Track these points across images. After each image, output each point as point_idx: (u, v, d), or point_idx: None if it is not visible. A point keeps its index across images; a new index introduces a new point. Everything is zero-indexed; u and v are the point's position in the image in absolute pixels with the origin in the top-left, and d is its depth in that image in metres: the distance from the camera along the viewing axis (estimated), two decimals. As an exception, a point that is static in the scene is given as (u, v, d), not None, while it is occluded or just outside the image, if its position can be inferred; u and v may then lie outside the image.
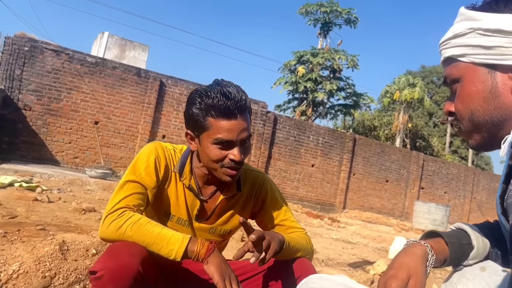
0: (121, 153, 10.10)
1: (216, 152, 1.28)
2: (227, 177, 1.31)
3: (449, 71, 0.84)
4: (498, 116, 0.77)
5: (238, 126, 1.27)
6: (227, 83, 1.30)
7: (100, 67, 9.78)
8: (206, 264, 1.15)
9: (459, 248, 0.93)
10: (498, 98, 0.76)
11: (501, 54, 0.74)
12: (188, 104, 1.32)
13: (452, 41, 0.82)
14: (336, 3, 19.11)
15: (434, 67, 42.22)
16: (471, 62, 0.79)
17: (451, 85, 0.85)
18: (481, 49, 0.76)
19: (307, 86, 18.14)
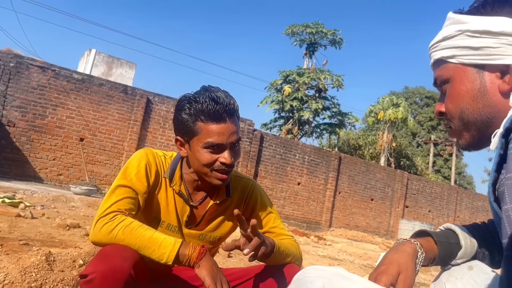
0: (106, 170, 9.99)
1: (207, 156, 1.30)
2: (218, 181, 1.33)
3: (439, 72, 0.87)
4: (487, 114, 0.80)
5: (228, 130, 1.30)
6: (215, 89, 1.33)
7: (87, 84, 9.75)
8: (198, 268, 1.16)
9: (447, 247, 0.96)
10: (486, 97, 0.79)
11: (489, 54, 0.78)
12: (177, 110, 1.35)
13: (442, 43, 0.85)
14: (321, 25, 19.52)
15: (416, 88, 43.09)
16: (460, 63, 0.82)
17: (441, 86, 0.88)
18: (469, 50, 0.80)
19: (293, 105, 18.34)
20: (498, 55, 0.77)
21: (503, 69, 0.78)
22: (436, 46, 0.87)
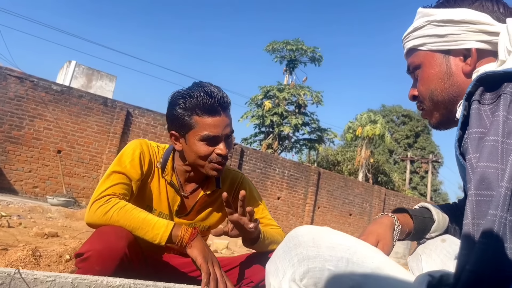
0: (84, 183, 9.82)
1: (203, 148, 1.36)
2: (214, 172, 1.39)
3: (411, 59, 0.99)
4: (453, 93, 0.91)
5: (223, 122, 1.36)
6: (208, 84, 1.40)
7: (66, 95, 9.65)
8: (190, 248, 1.20)
9: (422, 221, 1.04)
10: (452, 78, 0.90)
11: (453, 40, 0.90)
12: (171, 105, 1.40)
13: (413, 34, 0.97)
14: (301, 42, 19.91)
15: (393, 107, 44.06)
16: (429, 50, 0.94)
17: (413, 73, 0.99)
18: (436, 38, 0.92)
19: (274, 120, 18.52)
20: (460, 41, 0.89)
21: (465, 53, 0.89)
22: (408, 37, 0.99)
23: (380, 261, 0.75)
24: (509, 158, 0.65)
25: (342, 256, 0.74)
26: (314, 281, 0.73)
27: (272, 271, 0.80)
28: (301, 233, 0.80)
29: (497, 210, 0.62)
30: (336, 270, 0.73)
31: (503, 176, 0.64)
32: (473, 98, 0.75)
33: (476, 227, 0.64)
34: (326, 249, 0.75)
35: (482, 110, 0.73)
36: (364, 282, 0.72)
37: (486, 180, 0.65)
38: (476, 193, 0.66)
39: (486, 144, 0.68)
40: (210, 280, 1.12)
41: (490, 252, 0.61)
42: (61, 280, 0.95)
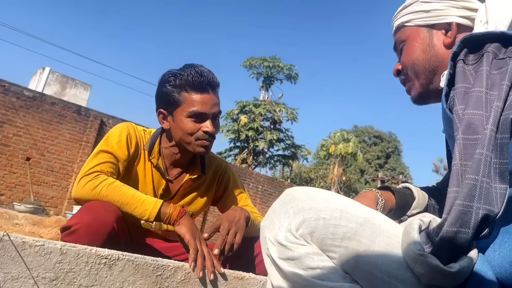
0: (52, 192, 9.54)
1: (190, 125, 1.37)
2: (201, 149, 1.40)
3: (398, 35, 1.08)
4: (434, 63, 0.99)
5: (211, 100, 1.39)
6: (199, 65, 1.43)
7: (38, 102, 9.43)
8: (178, 225, 1.20)
9: (403, 197, 1.09)
10: (433, 49, 0.99)
11: (437, 15, 0.99)
12: (162, 83, 1.42)
13: (402, 11, 1.06)
14: (278, 59, 20.22)
15: (365, 128, 45.04)
16: (415, 25, 1.03)
17: (400, 48, 1.08)
18: (422, 13, 1.01)
19: (249, 135, 18.58)
20: (443, 16, 0.98)
21: (446, 28, 0.99)
22: (398, 15, 1.08)
23: (372, 212, 0.79)
24: (493, 105, 0.72)
25: (336, 207, 0.77)
26: (309, 230, 0.76)
27: (268, 225, 0.82)
28: (296, 190, 0.83)
29: (483, 149, 0.69)
30: (331, 219, 0.76)
31: (488, 121, 0.71)
32: (458, 57, 0.83)
33: (464, 168, 0.70)
34: (320, 202, 0.78)
35: (466, 69, 0.81)
36: (358, 228, 0.75)
37: (472, 125, 0.72)
38: (464, 137, 0.72)
39: (471, 95, 0.75)
40: (197, 256, 1.12)
41: (478, 188, 0.67)
42: (50, 246, 0.93)
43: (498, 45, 0.80)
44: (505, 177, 0.70)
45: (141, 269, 1.06)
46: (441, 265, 0.66)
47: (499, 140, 0.71)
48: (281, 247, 0.77)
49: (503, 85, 0.73)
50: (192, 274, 1.14)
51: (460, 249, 0.67)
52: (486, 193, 0.67)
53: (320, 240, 0.75)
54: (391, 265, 0.72)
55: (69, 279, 0.96)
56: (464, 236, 0.66)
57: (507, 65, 0.76)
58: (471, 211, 0.66)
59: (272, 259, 0.79)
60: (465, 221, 0.66)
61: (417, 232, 0.71)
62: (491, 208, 0.66)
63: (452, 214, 0.67)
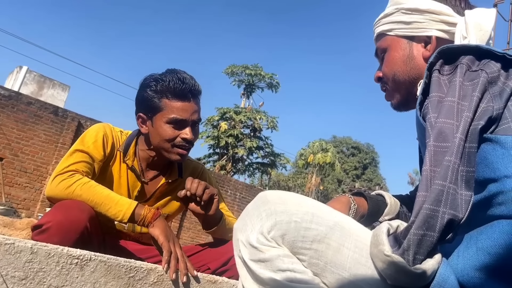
0: (25, 194, 9.30)
1: (169, 131, 1.38)
2: (178, 156, 1.40)
3: (379, 43, 1.10)
4: (413, 75, 1.01)
5: (191, 108, 1.40)
6: (181, 71, 1.44)
7: (14, 101, 9.21)
8: (152, 227, 1.20)
9: (376, 204, 1.12)
10: (413, 61, 1.02)
11: (417, 28, 1.01)
12: (142, 87, 1.42)
13: (383, 20, 1.08)
14: (260, 67, 20.31)
15: (344, 138, 45.58)
16: (396, 35, 1.05)
17: (381, 56, 1.10)
18: (403, 25, 1.03)
19: (229, 142, 18.54)
20: (423, 28, 1.01)
21: (426, 40, 1.01)
22: (379, 22, 1.10)
23: (342, 216, 0.82)
24: (463, 115, 0.76)
25: (308, 211, 0.79)
26: (281, 233, 0.77)
27: (241, 227, 0.84)
28: (269, 193, 0.85)
29: (451, 157, 0.72)
30: (302, 222, 0.77)
31: (457, 129, 0.74)
32: (434, 67, 0.86)
33: (433, 174, 0.73)
34: (292, 205, 0.80)
35: (441, 79, 0.84)
36: (328, 231, 0.77)
37: (443, 133, 0.75)
38: (435, 144, 0.75)
39: (444, 104, 0.79)
40: (171, 258, 1.13)
41: (445, 193, 0.70)
42: (20, 244, 0.92)
43: (472, 57, 0.84)
44: (470, 185, 0.73)
45: (114, 270, 1.05)
46: (408, 266, 0.68)
47: (467, 149, 0.74)
48: (252, 249, 0.78)
49: (473, 96, 0.77)
50: (165, 276, 1.14)
51: (425, 251, 0.70)
52: (452, 199, 0.70)
53: (291, 242, 0.77)
54: (359, 268, 0.75)
55: (39, 278, 0.94)
56: (429, 239, 0.69)
57: (479, 77, 0.79)
58: (438, 215, 0.69)
59: (244, 261, 0.80)
60: (431, 224, 0.69)
61: (385, 234, 0.73)
62: (456, 214, 0.69)
63: (419, 217, 0.70)
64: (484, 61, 0.82)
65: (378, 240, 0.73)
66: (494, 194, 0.75)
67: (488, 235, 0.72)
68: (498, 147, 0.76)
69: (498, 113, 0.77)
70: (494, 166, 0.75)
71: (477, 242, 0.73)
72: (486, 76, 0.79)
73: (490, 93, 0.78)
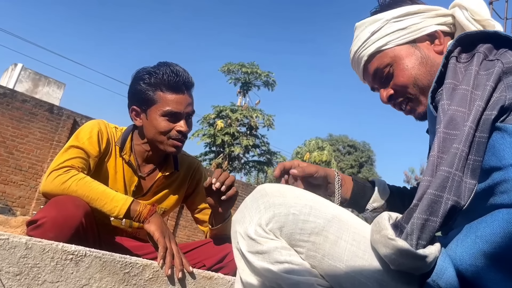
0: (20, 192, 9.25)
1: (164, 124, 1.38)
2: (173, 148, 1.40)
3: (378, 62, 1.04)
4: (435, 73, 0.94)
5: (185, 100, 1.40)
6: (174, 64, 1.44)
7: (8, 99, 9.16)
8: (148, 224, 1.20)
9: (361, 187, 1.13)
10: (429, 60, 1.00)
11: (416, 29, 1.00)
12: (136, 80, 1.42)
13: (371, 38, 1.04)
14: (256, 66, 20.27)
15: (340, 137, 45.60)
16: (396, 45, 1.01)
17: (381, 76, 1.04)
18: (400, 32, 1.01)
19: (225, 140, 18.51)
20: (422, 28, 1.00)
21: (427, 38, 1.01)
22: (366, 43, 1.05)
23: (340, 209, 0.82)
24: (475, 104, 0.76)
25: (306, 204, 0.79)
26: (279, 225, 0.78)
27: (239, 219, 0.84)
28: (267, 186, 0.86)
29: (460, 144, 0.73)
30: (300, 214, 0.78)
31: (468, 118, 0.75)
32: (452, 54, 0.85)
33: (440, 160, 0.74)
34: (291, 198, 0.80)
35: (457, 66, 0.84)
36: (326, 224, 0.77)
37: (454, 121, 0.76)
38: (444, 131, 0.76)
39: (457, 92, 0.79)
40: (166, 254, 1.12)
41: (450, 180, 0.71)
42: (14, 240, 0.92)
43: (490, 46, 0.84)
44: (476, 174, 0.74)
45: (109, 266, 1.05)
46: (412, 248, 0.69)
47: (477, 138, 0.75)
48: (250, 241, 0.78)
49: (487, 86, 0.77)
50: (160, 272, 1.13)
51: (428, 237, 0.70)
52: (457, 186, 0.71)
53: (289, 235, 0.77)
54: (356, 261, 0.75)
55: (33, 274, 0.94)
56: (432, 224, 0.70)
57: (494, 67, 0.80)
58: (441, 201, 0.70)
59: (242, 253, 0.81)
60: (434, 209, 0.70)
61: (387, 221, 0.73)
62: (459, 200, 0.70)
63: (423, 201, 0.70)
64: (501, 51, 0.82)
65: (381, 226, 0.73)
66: (498, 183, 0.75)
67: (487, 223, 0.73)
68: (507, 136, 0.76)
69: (510, 103, 0.78)
70: (501, 155, 0.76)
71: (476, 231, 0.73)
72: (501, 66, 0.79)
73: (504, 83, 0.79)
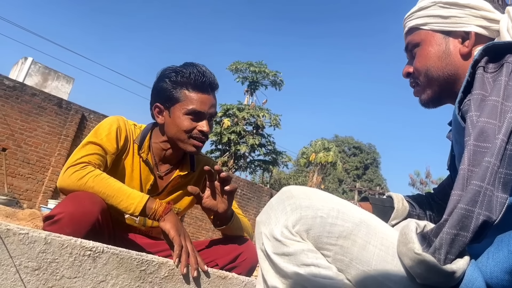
0: (27, 185, 9.31)
1: (187, 122, 1.38)
2: (193, 148, 1.41)
3: (411, 37, 1.05)
4: (448, 72, 0.97)
5: (209, 101, 1.41)
6: (201, 64, 1.44)
7: (18, 92, 9.21)
8: (163, 221, 1.19)
9: (381, 209, 1.11)
10: (450, 57, 0.97)
11: (455, 22, 0.97)
12: (160, 78, 1.43)
13: (417, 13, 1.03)
14: (264, 65, 20.25)
15: (346, 138, 45.56)
16: (431, 29, 1.01)
17: (411, 51, 1.06)
18: (440, 19, 0.99)
19: (231, 138, 18.52)
20: (461, 24, 0.97)
21: (463, 36, 0.97)
22: (412, 16, 1.05)
23: (367, 214, 0.81)
24: (506, 116, 0.74)
25: (333, 207, 0.78)
26: (306, 228, 0.77)
27: (264, 220, 0.83)
28: (293, 188, 0.84)
29: (491, 158, 0.71)
30: (328, 217, 0.77)
31: (500, 131, 0.73)
32: (479, 64, 0.83)
33: (471, 173, 0.72)
34: (318, 201, 0.80)
35: (485, 76, 0.82)
36: (354, 228, 0.76)
37: (484, 133, 0.74)
38: (475, 144, 0.74)
39: (487, 103, 0.76)
40: (182, 253, 1.12)
41: (481, 194, 0.69)
42: (34, 235, 0.92)
43: None
44: (507, 187, 0.72)
45: (125, 263, 1.05)
46: (439, 264, 0.68)
47: (509, 151, 0.73)
48: (276, 243, 0.78)
49: None
50: (176, 271, 1.13)
51: (457, 251, 0.69)
52: (488, 201, 0.69)
53: (316, 237, 0.76)
54: (385, 266, 0.74)
55: (52, 269, 0.94)
56: (462, 239, 0.68)
57: None
58: (472, 216, 0.68)
59: (267, 254, 0.80)
60: (465, 224, 0.68)
61: (414, 232, 0.72)
62: (490, 215, 0.69)
63: (453, 216, 0.69)
64: None
65: (407, 238, 0.72)
66: None
67: None
68: None
69: None
70: None
71: (508, 245, 0.71)
72: None
73: None
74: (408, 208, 1.13)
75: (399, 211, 1.11)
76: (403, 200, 1.14)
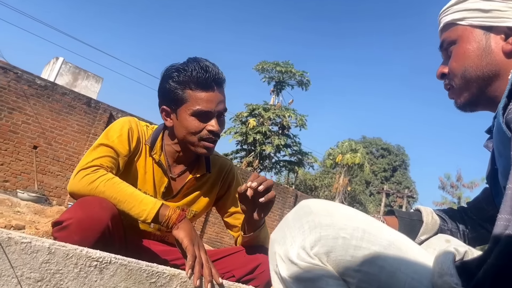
0: (57, 182, 9.52)
1: (194, 124, 1.31)
2: (204, 150, 1.33)
3: (447, 34, 0.94)
4: (489, 72, 0.86)
5: (216, 98, 1.32)
6: (203, 59, 1.36)
7: (49, 91, 9.44)
8: (176, 230, 1.13)
9: (408, 223, 1.00)
10: (490, 56, 0.86)
11: (497, 17, 0.85)
12: (165, 79, 1.35)
13: (454, 7, 0.92)
14: (291, 65, 20.11)
15: (374, 139, 44.77)
16: (469, 25, 0.89)
17: (447, 49, 0.94)
18: (479, 13, 0.87)
19: (256, 138, 18.47)
20: (505, 18, 0.84)
21: (507, 32, 0.85)
22: (448, 10, 0.94)
23: (397, 235, 0.71)
24: None
25: (358, 226, 0.69)
26: (326, 250, 0.67)
27: (279, 239, 0.74)
28: (313, 203, 0.75)
29: None
30: (352, 239, 0.67)
31: None
32: None
33: None
34: (340, 218, 0.70)
35: None
36: (382, 252, 0.66)
37: None
38: None
39: None
40: (195, 264, 1.05)
41: None
42: (37, 244, 0.87)
43: None
44: None
45: (134, 274, 0.99)
46: None
47: None
48: (292, 265, 0.69)
49: None
50: (188, 283, 1.06)
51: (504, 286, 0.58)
52: None
53: (337, 261, 0.67)
54: None
55: (55, 281, 0.89)
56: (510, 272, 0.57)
57: None
58: None
59: (281, 277, 0.71)
60: None
61: (452, 263, 0.62)
62: None
63: (501, 245, 0.58)
64: None
65: (444, 269, 0.62)
66: None
67: None
68: None
69: None
70: None
71: None
72: None
73: None
74: (439, 222, 1.03)
75: (429, 225, 1.01)
76: (432, 213, 1.04)
